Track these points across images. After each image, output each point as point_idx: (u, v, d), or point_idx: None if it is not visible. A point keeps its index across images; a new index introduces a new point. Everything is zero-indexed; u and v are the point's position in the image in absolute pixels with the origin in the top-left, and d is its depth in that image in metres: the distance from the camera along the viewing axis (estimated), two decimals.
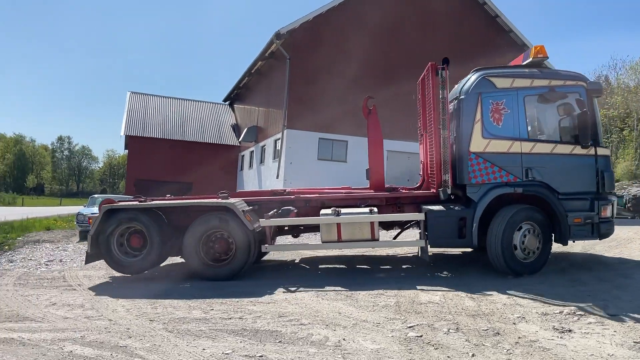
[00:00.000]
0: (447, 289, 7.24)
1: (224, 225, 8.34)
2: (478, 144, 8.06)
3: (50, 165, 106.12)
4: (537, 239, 7.80)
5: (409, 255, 10.58)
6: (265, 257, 10.47)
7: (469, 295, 6.87)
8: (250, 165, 27.89)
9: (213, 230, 8.42)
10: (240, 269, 8.36)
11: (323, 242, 8.56)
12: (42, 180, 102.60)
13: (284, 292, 7.33)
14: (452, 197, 8.55)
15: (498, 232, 7.77)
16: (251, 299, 6.93)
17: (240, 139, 29.57)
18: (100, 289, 7.92)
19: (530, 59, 8.27)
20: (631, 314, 5.72)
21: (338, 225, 8.37)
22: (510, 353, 4.66)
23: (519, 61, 8.72)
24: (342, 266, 9.67)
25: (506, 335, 5.17)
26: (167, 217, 8.86)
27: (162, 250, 8.58)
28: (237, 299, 6.91)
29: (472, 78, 8.35)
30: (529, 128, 8.03)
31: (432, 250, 9.36)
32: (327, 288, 7.53)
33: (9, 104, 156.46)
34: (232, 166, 31.71)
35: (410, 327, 5.50)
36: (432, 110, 8.52)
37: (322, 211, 8.62)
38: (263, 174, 24.49)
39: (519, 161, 7.92)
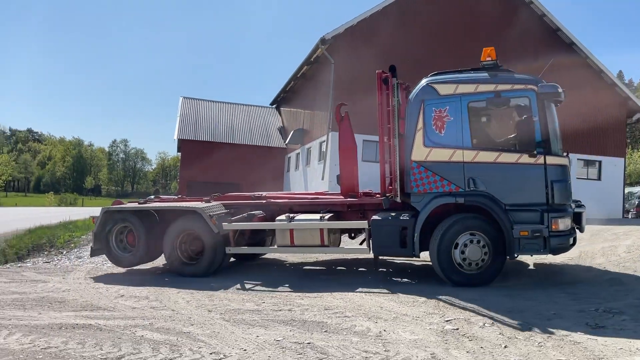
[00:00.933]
0: (485, 288, 7.54)
1: (195, 228, 9.08)
2: (420, 152, 7.85)
3: (107, 167, 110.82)
4: (481, 250, 7.45)
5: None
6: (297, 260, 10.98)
7: (504, 294, 7.15)
8: (297, 167, 28.57)
9: (187, 232, 9.20)
10: (209, 267, 9.07)
11: (278, 246, 9.01)
12: (100, 181, 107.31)
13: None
14: (407, 206, 8.28)
15: (434, 242, 7.60)
16: (299, 294, 7.45)
17: (286, 142, 30.32)
18: (161, 283, 8.63)
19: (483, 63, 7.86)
20: None
21: (291, 230, 8.68)
22: (542, 345, 4.96)
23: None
24: (382, 270, 10.06)
25: (539, 329, 5.46)
26: (154, 218, 9.72)
27: (149, 247, 9.51)
28: (286, 293, 7.45)
29: (418, 85, 8.15)
30: (473, 136, 7.56)
31: None
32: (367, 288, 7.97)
33: (69, 109, 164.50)
34: (279, 168, 32.51)
35: (447, 320, 5.87)
36: (378, 118, 8.43)
37: (278, 217, 8.97)
38: (309, 176, 25.09)
39: (461, 170, 7.57)
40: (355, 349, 4.89)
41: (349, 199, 8.97)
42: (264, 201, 9.62)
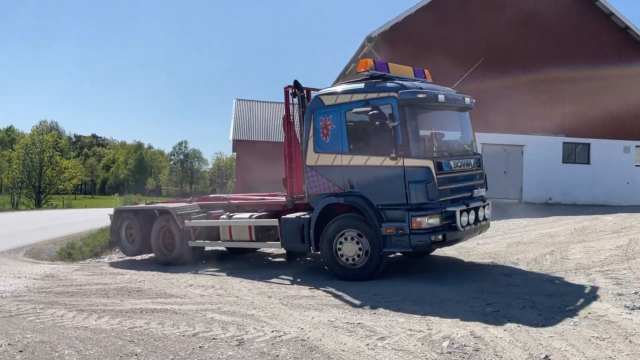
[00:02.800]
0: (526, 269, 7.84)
1: (169, 224, 10.82)
2: (312, 157, 8.59)
3: (167, 168, 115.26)
4: (355, 247, 7.99)
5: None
6: None
7: (546, 278, 7.44)
8: None
9: (165, 228, 10.95)
10: (179, 257, 10.74)
11: (222, 240, 10.31)
12: (160, 182, 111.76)
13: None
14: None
15: (322, 239, 8.27)
16: (349, 282, 8.03)
17: None
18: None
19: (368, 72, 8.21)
20: None
21: (229, 227, 10.01)
22: (577, 324, 5.30)
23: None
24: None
25: (577, 311, 5.78)
26: (147, 216, 11.40)
27: (143, 240, 11.32)
28: (338, 281, 8.03)
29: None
30: (350, 141, 8.14)
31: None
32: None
33: (129, 113, 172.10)
34: None
35: (489, 304, 6.28)
36: (284, 128, 9.47)
37: (221, 216, 10.34)
38: None
39: (341, 173, 8.18)
40: (401, 328, 5.41)
41: (281, 200, 9.90)
42: (226, 202, 11.06)
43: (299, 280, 8.58)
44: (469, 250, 10.54)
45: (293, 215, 8.97)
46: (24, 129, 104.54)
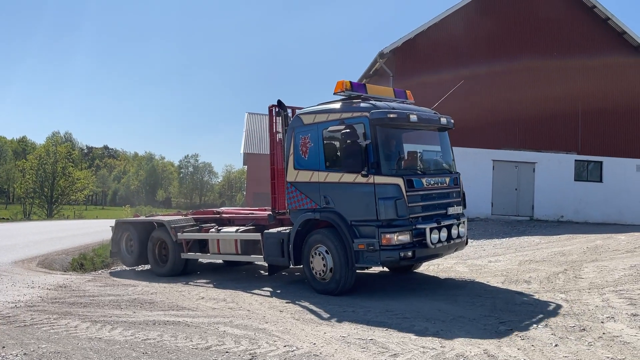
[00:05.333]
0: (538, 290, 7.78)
1: (164, 237, 11.17)
2: (291, 174, 8.90)
3: (177, 180, 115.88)
4: (321, 262, 8.26)
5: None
6: None
7: (559, 297, 7.38)
8: None
9: (161, 240, 11.34)
10: (172, 269, 11.11)
11: (211, 253, 10.65)
12: (170, 194, 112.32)
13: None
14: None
15: (302, 253, 8.58)
16: (362, 297, 8.02)
17: None
18: (235, 287, 9.45)
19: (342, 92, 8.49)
20: None
21: (217, 240, 10.36)
22: (592, 344, 5.26)
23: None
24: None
25: (591, 331, 5.74)
26: (145, 228, 11.79)
27: (140, 252, 11.71)
28: (350, 297, 8.03)
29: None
30: (326, 159, 8.41)
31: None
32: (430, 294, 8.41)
33: (141, 126, 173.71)
34: None
35: (502, 322, 6.25)
36: (270, 145, 9.80)
37: (210, 230, 10.66)
38: None
39: (318, 189, 8.43)
40: (414, 345, 5.40)
41: (266, 214, 10.05)
42: (218, 216, 11.35)
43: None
44: (480, 267, 10.50)
45: (274, 230, 9.22)
46: (37, 139, 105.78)
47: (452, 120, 8.91)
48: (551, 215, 21.14)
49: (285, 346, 5.46)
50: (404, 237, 7.58)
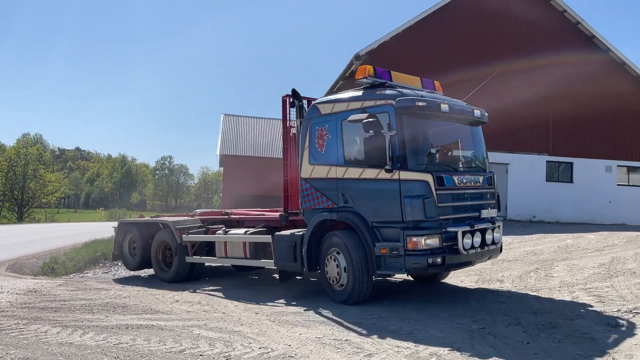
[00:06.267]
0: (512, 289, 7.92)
1: (168, 239, 10.48)
2: (306, 169, 8.14)
3: (152, 182, 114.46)
4: (336, 268, 7.50)
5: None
6: None
7: (530, 295, 7.53)
8: None
9: (165, 243, 10.63)
10: (176, 274, 10.36)
11: (217, 257, 9.87)
12: (145, 196, 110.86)
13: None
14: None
15: (319, 258, 7.83)
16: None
17: None
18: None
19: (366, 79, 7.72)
20: None
21: (225, 243, 9.62)
22: (561, 341, 5.38)
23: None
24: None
25: (561, 328, 5.86)
26: (148, 229, 11.17)
27: (143, 255, 11.08)
28: (325, 298, 8.04)
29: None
30: (345, 152, 7.65)
31: None
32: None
33: (115, 127, 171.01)
34: None
35: (475, 321, 6.33)
36: (283, 138, 9.05)
37: (217, 231, 9.91)
38: None
39: (335, 186, 7.68)
40: (388, 345, 5.44)
41: (277, 215, 9.26)
42: (226, 217, 10.59)
43: (294, 303, 7.93)
44: None
45: (287, 232, 8.45)
46: (6, 141, 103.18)
47: (487, 114, 8.10)
48: (524, 216, 21.54)
49: (260, 348, 5.44)
50: (433, 241, 6.76)
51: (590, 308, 6.72)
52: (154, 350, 5.47)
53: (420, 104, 7.02)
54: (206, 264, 11.05)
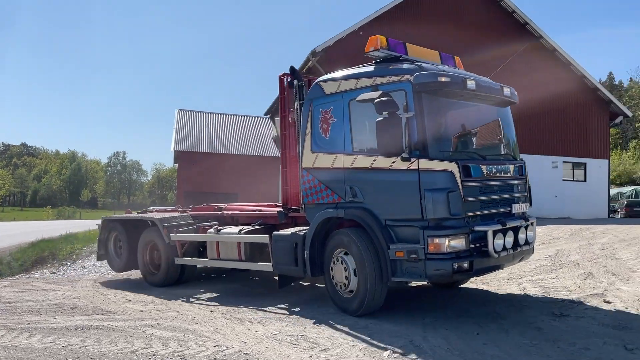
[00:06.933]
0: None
1: (155, 238, 9.46)
2: (308, 159, 7.12)
3: (104, 179, 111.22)
4: (343, 272, 6.50)
5: None
6: None
7: (480, 288, 7.76)
8: None
9: (152, 242, 9.58)
10: (165, 278, 9.33)
11: (209, 258, 8.74)
12: (96, 194, 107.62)
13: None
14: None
15: (324, 261, 6.84)
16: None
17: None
18: (165, 290, 9.19)
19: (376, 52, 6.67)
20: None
21: (217, 243, 8.55)
22: (508, 331, 5.58)
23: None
24: None
25: (509, 318, 6.08)
26: (135, 227, 10.15)
27: (130, 255, 10.13)
28: (284, 293, 8.04)
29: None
30: (354, 138, 6.62)
31: None
32: None
33: (63, 123, 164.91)
34: (275, 177, 33.15)
35: (427, 313, 6.48)
36: (280, 125, 8.01)
37: (210, 230, 8.79)
38: None
39: (342, 178, 6.66)
40: (343, 339, 5.50)
41: (276, 212, 8.18)
42: (219, 212, 9.46)
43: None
44: None
45: (287, 231, 7.36)
46: None
47: (516, 93, 7.10)
48: None
49: (215, 346, 5.39)
50: (458, 243, 5.76)
51: (536, 299, 7.00)
52: (105, 352, 5.34)
53: (442, 79, 5.97)
54: (199, 266, 9.96)
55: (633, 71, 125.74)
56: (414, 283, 7.94)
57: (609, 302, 6.64)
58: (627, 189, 36.03)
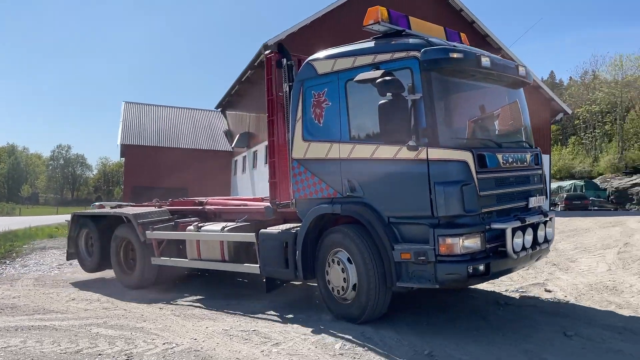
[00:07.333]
0: None
1: (129, 236, 8.66)
2: (299, 148, 6.39)
3: (45, 174, 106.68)
4: (341, 273, 5.79)
5: None
6: None
7: None
8: (244, 170, 28.95)
9: (126, 240, 8.82)
10: (141, 280, 8.54)
11: (189, 259, 7.98)
12: (37, 189, 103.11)
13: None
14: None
15: (316, 262, 6.16)
16: (249, 291, 7.99)
17: (233, 145, 30.62)
18: (112, 287, 8.92)
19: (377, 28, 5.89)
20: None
21: (197, 242, 7.79)
22: (455, 320, 5.74)
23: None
24: None
25: (457, 308, 6.25)
26: (108, 224, 9.37)
27: (102, 254, 9.34)
28: (236, 289, 7.97)
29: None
30: (352, 124, 5.88)
31: None
32: None
33: (3, 115, 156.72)
34: (226, 171, 32.76)
35: None
36: (268, 109, 7.18)
37: (189, 227, 8.06)
38: (256, 178, 25.56)
39: (339, 170, 5.95)
40: (295, 333, 5.50)
41: (263, 207, 7.53)
42: (200, 207, 8.78)
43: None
44: None
45: (275, 229, 6.64)
46: None
47: (531, 74, 6.43)
48: None
49: (164, 343, 5.27)
50: (473, 243, 5.09)
51: (482, 289, 7.23)
52: (47, 352, 5.12)
53: (455, 55, 5.25)
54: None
55: (572, 70, 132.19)
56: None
57: (549, 291, 6.95)
58: (566, 183, 37.88)
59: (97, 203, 11.92)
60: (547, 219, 5.94)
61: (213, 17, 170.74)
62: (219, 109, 36.85)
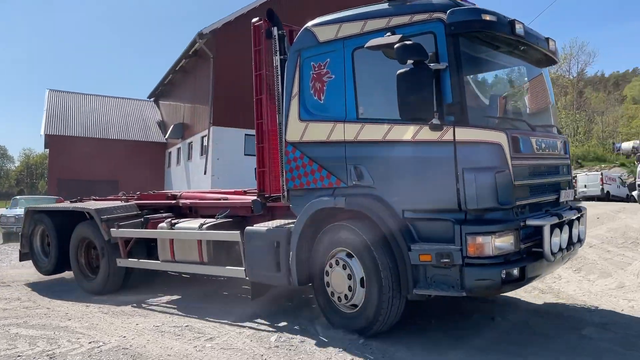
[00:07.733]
0: None
1: (91, 234, 7.72)
2: (295, 129, 5.46)
3: None
4: (346, 277, 4.90)
5: None
6: None
7: None
8: (178, 162, 28.15)
9: (88, 239, 7.82)
10: (105, 284, 7.49)
11: (161, 260, 7.00)
12: None
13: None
14: None
15: (312, 264, 5.26)
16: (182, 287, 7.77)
17: (166, 136, 29.69)
18: (34, 285, 8.43)
19: None
20: None
21: (171, 241, 6.83)
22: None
23: None
24: None
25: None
26: (66, 221, 8.31)
27: (60, 255, 8.31)
28: (167, 287, 7.72)
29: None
30: (360, 100, 4.98)
31: None
32: None
33: None
34: (160, 163, 31.74)
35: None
36: (254, 85, 6.17)
37: (160, 224, 7.12)
38: (191, 171, 24.92)
39: (342, 154, 5.06)
40: (230, 327, 5.39)
41: (249, 200, 6.45)
42: (173, 202, 7.78)
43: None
44: None
45: (263, 226, 5.65)
46: None
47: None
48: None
49: (90, 342, 5.01)
50: (506, 242, 4.28)
51: None
52: None
53: (487, 17, 4.41)
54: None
55: None
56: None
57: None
58: None
59: (18, 197, 11.16)
60: (581, 214, 5.29)
61: (146, 2, 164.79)
62: (152, 99, 35.64)
